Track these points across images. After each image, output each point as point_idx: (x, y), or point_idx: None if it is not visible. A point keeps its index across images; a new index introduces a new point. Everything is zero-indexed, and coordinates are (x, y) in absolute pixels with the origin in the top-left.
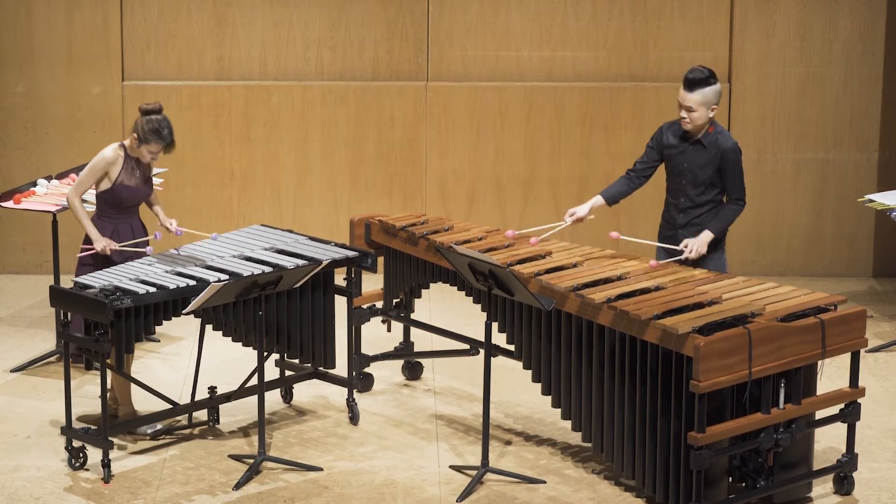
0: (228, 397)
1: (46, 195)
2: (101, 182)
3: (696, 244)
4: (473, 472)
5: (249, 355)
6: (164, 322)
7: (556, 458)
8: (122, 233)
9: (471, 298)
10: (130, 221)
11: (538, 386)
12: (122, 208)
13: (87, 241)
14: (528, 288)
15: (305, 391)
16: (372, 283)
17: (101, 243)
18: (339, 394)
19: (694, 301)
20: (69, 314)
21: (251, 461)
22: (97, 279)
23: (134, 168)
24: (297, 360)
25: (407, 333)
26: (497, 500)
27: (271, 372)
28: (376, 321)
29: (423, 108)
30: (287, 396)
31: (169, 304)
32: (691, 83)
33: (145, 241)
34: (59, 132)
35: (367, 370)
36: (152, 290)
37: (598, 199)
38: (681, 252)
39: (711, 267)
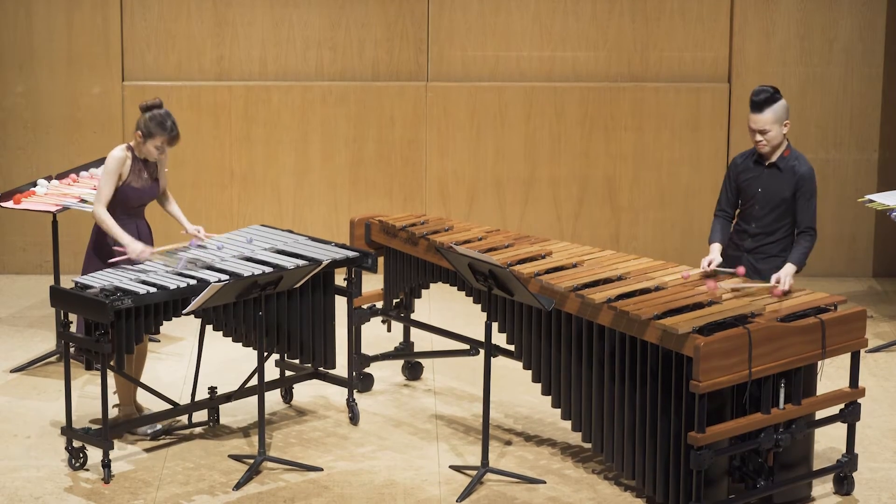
0: (228, 397)
1: (46, 195)
2: None
3: (786, 277)
4: (473, 472)
5: (249, 355)
6: (164, 322)
7: (556, 458)
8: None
9: (471, 298)
10: (136, 222)
11: (538, 386)
12: (127, 209)
13: (113, 242)
14: (528, 288)
15: (305, 391)
16: (372, 283)
17: (138, 248)
18: (339, 394)
19: (694, 301)
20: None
21: (251, 461)
22: (98, 279)
23: (141, 169)
24: (297, 360)
25: (407, 333)
26: (497, 500)
27: (271, 372)
28: (376, 321)
29: (423, 108)
30: (287, 396)
31: (169, 304)
32: (760, 104)
33: (183, 246)
34: (59, 132)
35: (367, 370)
36: (153, 290)
37: (718, 245)
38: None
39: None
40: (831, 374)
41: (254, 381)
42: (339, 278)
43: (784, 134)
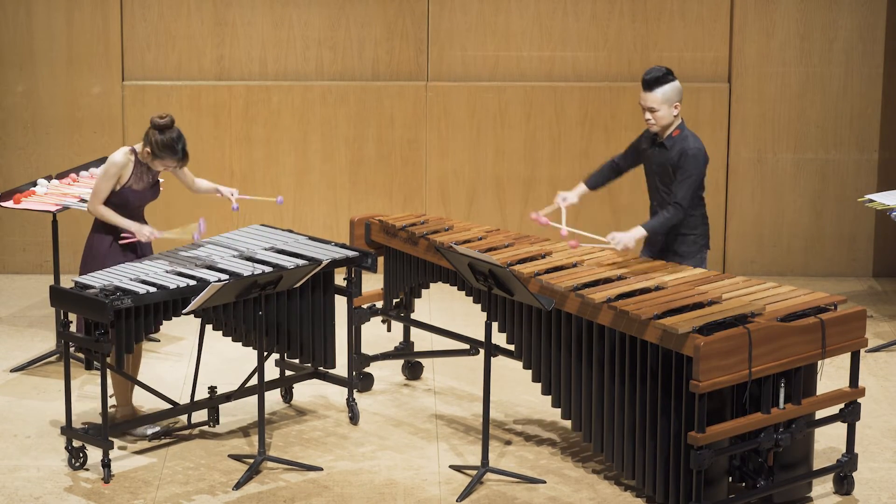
0: (228, 397)
1: (46, 195)
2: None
3: (624, 238)
4: (473, 472)
5: (249, 355)
6: (164, 322)
7: (556, 458)
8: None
9: (471, 298)
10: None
11: (538, 386)
12: (126, 209)
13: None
14: (528, 288)
15: (305, 391)
16: (372, 283)
17: (146, 231)
18: (339, 394)
19: (694, 301)
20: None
21: (251, 461)
22: (97, 279)
23: (144, 172)
24: (297, 360)
25: (407, 333)
26: (497, 500)
27: (271, 372)
28: (376, 321)
29: (423, 108)
30: (287, 396)
31: (169, 304)
32: (650, 83)
33: (190, 228)
34: (59, 132)
35: (367, 370)
36: (152, 289)
37: (583, 187)
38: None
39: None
40: (831, 374)
41: (254, 381)
42: (339, 278)
43: (675, 115)
